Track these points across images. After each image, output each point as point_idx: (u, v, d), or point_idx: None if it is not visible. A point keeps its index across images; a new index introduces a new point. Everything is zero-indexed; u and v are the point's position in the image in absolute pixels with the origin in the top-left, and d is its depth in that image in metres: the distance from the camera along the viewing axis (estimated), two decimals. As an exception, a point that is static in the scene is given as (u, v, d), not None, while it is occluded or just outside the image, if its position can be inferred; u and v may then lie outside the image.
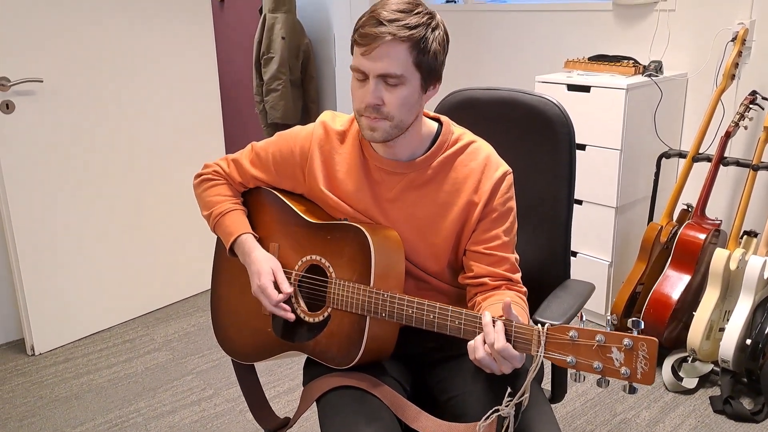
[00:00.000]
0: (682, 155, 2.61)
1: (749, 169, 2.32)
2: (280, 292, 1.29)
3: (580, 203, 2.60)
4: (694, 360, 2.32)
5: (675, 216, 2.51)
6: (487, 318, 1.06)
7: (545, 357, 1.03)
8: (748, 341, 2.16)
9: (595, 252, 2.63)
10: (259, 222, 1.40)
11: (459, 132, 1.32)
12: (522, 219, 1.43)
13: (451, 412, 1.24)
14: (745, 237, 2.34)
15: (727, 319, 2.23)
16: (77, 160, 2.61)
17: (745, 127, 2.40)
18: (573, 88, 2.54)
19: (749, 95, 2.36)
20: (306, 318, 1.30)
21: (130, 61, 2.69)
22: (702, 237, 2.32)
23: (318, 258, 1.29)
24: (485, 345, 1.05)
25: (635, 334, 0.97)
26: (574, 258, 2.68)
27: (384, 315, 1.19)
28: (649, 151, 2.59)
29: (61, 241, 2.61)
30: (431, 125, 1.31)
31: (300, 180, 1.36)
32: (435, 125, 1.32)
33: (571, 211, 1.50)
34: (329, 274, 1.27)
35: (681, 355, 2.36)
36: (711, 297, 2.25)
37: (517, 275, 1.30)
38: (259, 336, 1.37)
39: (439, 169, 1.28)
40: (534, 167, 1.51)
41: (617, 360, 0.97)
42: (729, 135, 2.36)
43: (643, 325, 0.99)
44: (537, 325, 1.04)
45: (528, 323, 1.06)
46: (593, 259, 2.64)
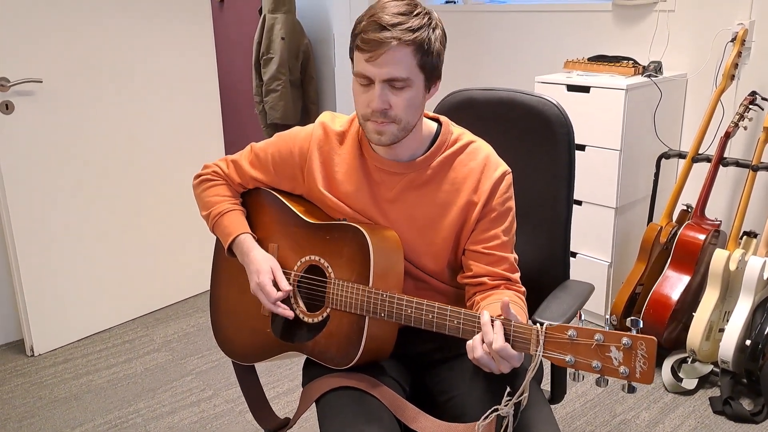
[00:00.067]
0: (681, 156, 2.60)
1: (749, 170, 2.32)
2: (279, 290, 1.29)
3: (579, 204, 2.60)
4: (693, 361, 2.32)
5: (675, 216, 2.51)
6: (486, 317, 1.06)
7: (544, 356, 1.02)
8: (747, 342, 2.15)
9: (595, 252, 2.63)
10: (258, 223, 1.40)
11: (458, 132, 1.33)
12: (521, 219, 1.43)
13: (451, 412, 1.24)
14: (745, 237, 2.34)
15: (727, 320, 2.23)
16: (77, 160, 2.61)
17: (745, 128, 2.40)
18: (572, 88, 2.54)
19: (749, 95, 2.36)
20: (305, 318, 1.30)
21: (129, 62, 2.69)
22: (702, 237, 2.32)
23: (317, 258, 1.29)
24: (484, 344, 1.05)
25: (634, 333, 0.97)
26: (573, 258, 2.68)
27: (383, 315, 1.19)
28: (649, 152, 2.59)
29: (61, 242, 2.61)
30: (431, 125, 1.31)
31: (299, 181, 1.36)
32: (434, 125, 1.32)
33: (571, 212, 1.50)
34: (328, 274, 1.27)
35: (681, 356, 2.36)
36: (711, 298, 2.25)
37: (516, 275, 1.30)
38: (258, 336, 1.37)
39: (439, 169, 1.28)
40: (533, 167, 1.51)
41: (616, 359, 0.97)
42: (728, 135, 2.36)
43: (642, 325, 0.99)
44: (536, 325, 1.04)
45: (527, 323, 1.06)
46: (593, 260, 2.64)
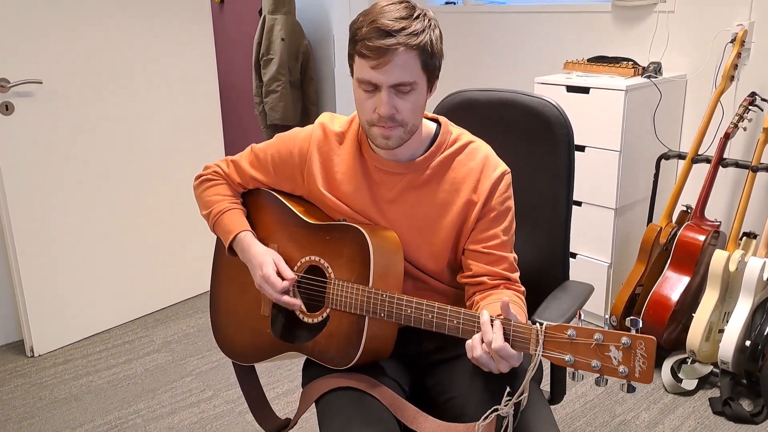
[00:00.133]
0: (681, 156, 2.61)
1: (748, 171, 2.32)
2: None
3: (579, 204, 2.60)
4: (693, 361, 2.32)
5: (674, 217, 2.51)
6: (485, 317, 1.06)
7: (543, 356, 1.02)
8: (747, 343, 2.15)
9: (595, 253, 2.63)
10: (259, 223, 1.40)
11: (457, 132, 1.33)
12: (521, 220, 1.43)
13: (450, 412, 1.24)
14: (745, 238, 2.34)
15: (727, 321, 2.23)
16: (77, 161, 2.61)
17: (744, 129, 2.40)
18: (572, 89, 2.54)
19: (748, 96, 2.36)
20: (305, 318, 1.30)
21: (129, 62, 2.70)
22: (701, 238, 2.32)
23: (317, 259, 1.29)
24: (483, 344, 1.05)
25: (633, 332, 0.97)
26: (573, 259, 2.68)
27: (383, 315, 1.19)
28: (649, 153, 2.59)
29: (61, 242, 2.61)
30: (430, 126, 1.32)
31: (299, 181, 1.36)
32: (433, 126, 1.32)
33: (570, 212, 1.50)
34: (328, 274, 1.27)
35: (680, 357, 2.36)
36: (710, 298, 2.25)
37: (516, 274, 1.30)
38: (258, 337, 1.37)
39: (438, 169, 1.29)
40: (533, 168, 1.51)
41: (615, 358, 0.97)
42: (728, 136, 2.36)
43: (642, 325, 0.99)
44: (535, 324, 1.04)
45: (526, 322, 1.06)
46: (592, 261, 2.64)
